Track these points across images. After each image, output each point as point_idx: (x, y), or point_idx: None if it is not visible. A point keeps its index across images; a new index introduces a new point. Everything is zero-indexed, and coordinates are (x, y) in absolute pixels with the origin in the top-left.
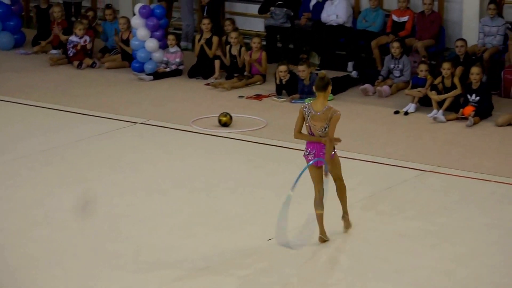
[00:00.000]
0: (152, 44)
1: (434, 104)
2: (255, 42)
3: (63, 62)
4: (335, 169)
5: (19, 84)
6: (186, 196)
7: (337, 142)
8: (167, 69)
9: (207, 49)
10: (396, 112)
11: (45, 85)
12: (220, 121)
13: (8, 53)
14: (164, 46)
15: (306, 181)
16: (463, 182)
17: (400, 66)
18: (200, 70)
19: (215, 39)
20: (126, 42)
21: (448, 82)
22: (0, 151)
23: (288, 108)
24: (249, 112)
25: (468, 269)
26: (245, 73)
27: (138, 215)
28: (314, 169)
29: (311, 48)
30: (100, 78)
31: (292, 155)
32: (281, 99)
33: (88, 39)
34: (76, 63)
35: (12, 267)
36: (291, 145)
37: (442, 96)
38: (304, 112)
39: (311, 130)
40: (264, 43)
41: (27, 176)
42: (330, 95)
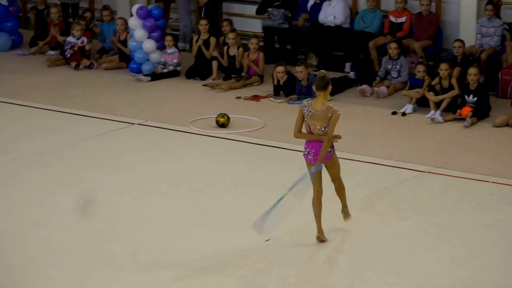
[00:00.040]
0: (150, 45)
1: (432, 105)
2: (253, 43)
3: (61, 63)
4: (334, 170)
5: (17, 85)
6: (185, 197)
7: (337, 139)
8: (165, 70)
9: (205, 50)
10: (394, 113)
11: (43, 86)
12: (218, 122)
13: (6, 54)
14: (162, 47)
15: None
16: (461, 183)
17: (398, 67)
18: (198, 71)
19: (213, 40)
20: (124, 43)
21: (446, 83)
22: None
23: (286, 109)
24: (247, 113)
25: (467, 270)
26: (243, 74)
27: (137, 216)
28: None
29: (309, 49)
30: (98, 79)
31: (290, 156)
32: (279, 100)
33: (86, 40)
34: (74, 64)
35: (11, 268)
36: (289, 146)
37: (440, 97)
38: (304, 111)
39: (311, 129)
40: (262, 44)
41: (26, 177)
42: (328, 96)
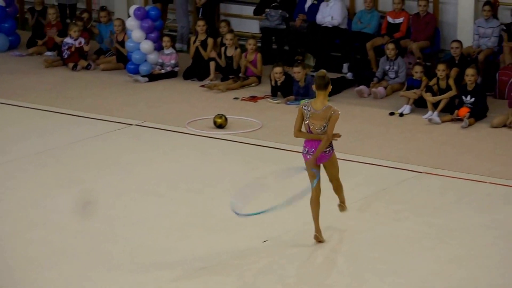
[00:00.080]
0: (147, 46)
1: (429, 106)
2: (250, 44)
3: (58, 64)
4: (333, 170)
5: (14, 86)
6: (182, 198)
7: (337, 138)
8: (162, 71)
9: (202, 51)
10: (391, 114)
11: (40, 87)
12: (215, 123)
13: (3, 55)
14: (159, 48)
15: (305, 182)
16: (459, 183)
17: (395, 68)
18: (195, 72)
19: (210, 41)
20: (121, 44)
21: (443, 84)
22: None
23: (283, 110)
24: (244, 114)
25: (466, 270)
26: (240, 75)
27: (135, 217)
28: (312, 167)
29: (306, 50)
30: (95, 80)
31: (288, 157)
32: (276, 101)
33: (83, 41)
34: (71, 65)
35: (10, 268)
36: (287, 147)
37: (437, 98)
38: (304, 111)
39: (310, 129)
40: (259, 45)
41: (23, 178)
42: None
